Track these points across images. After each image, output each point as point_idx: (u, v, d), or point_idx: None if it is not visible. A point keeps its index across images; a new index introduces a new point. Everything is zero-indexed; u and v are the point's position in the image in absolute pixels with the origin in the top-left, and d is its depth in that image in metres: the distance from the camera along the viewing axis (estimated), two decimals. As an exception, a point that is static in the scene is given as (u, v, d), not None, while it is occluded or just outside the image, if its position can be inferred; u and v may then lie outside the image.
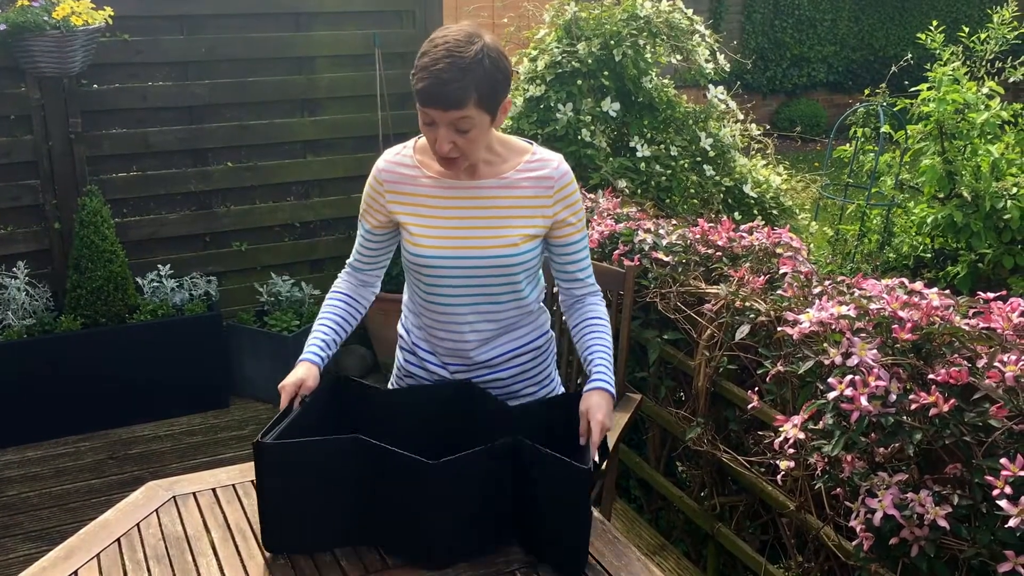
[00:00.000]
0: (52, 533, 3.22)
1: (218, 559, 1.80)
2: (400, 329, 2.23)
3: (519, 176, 1.99)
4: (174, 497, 2.00)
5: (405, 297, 2.17)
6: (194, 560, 1.80)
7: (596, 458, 1.83)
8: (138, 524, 1.91)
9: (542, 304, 2.18)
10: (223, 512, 1.96)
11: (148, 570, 1.77)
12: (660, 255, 2.87)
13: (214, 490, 2.04)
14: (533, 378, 2.16)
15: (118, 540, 1.85)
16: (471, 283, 2.00)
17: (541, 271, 2.13)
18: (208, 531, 1.90)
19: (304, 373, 1.96)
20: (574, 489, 1.73)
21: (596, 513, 1.95)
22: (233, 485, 2.06)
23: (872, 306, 2.04)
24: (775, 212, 4.20)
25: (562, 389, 2.28)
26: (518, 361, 2.12)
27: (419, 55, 1.86)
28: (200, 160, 4.25)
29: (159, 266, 4.13)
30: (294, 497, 1.79)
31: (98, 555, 1.81)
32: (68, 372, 3.81)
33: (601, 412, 1.87)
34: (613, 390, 1.94)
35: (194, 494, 2.02)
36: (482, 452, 1.73)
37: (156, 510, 1.96)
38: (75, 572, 1.76)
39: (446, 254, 1.98)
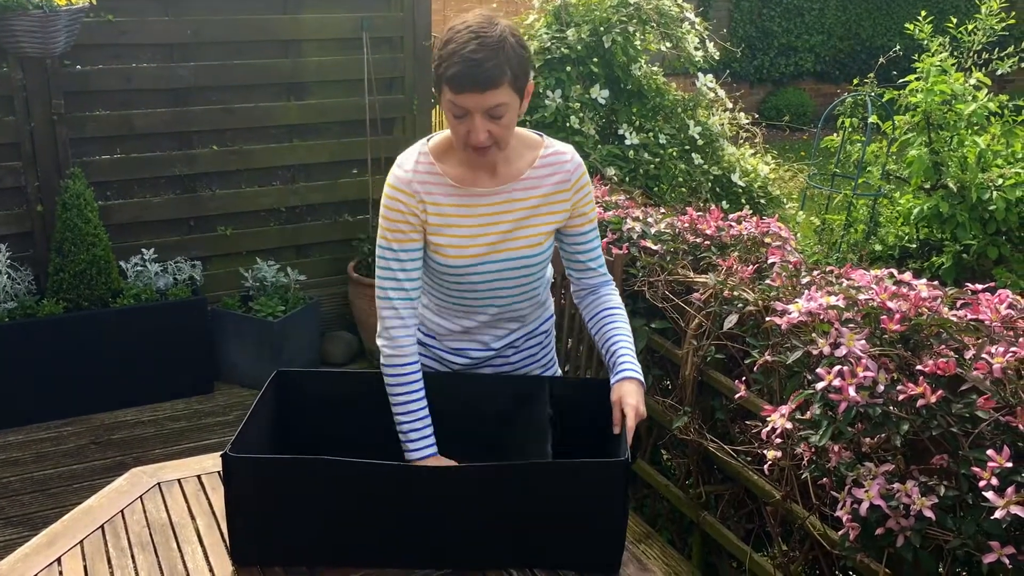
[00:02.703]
0: (34, 518, 3.20)
1: (203, 546, 1.79)
2: None
3: (537, 174, 1.97)
4: (158, 484, 1.99)
5: None
6: (179, 547, 1.79)
7: (630, 444, 1.80)
8: (122, 511, 1.89)
9: (548, 289, 2.20)
10: (208, 499, 1.95)
11: (132, 557, 1.75)
12: (648, 244, 2.86)
13: (199, 477, 2.03)
14: (539, 360, 2.19)
15: (102, 527, 1.84)
16: (496, 285, 1.99)
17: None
18: (193, 518, 1.89)
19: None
20: (610, 484, 1.69)
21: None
22: (218, 472, 2.04)
23: (861, 297, 2.04)
24: (763, 201, 4.20)
25: (559, 370, 2.29)
26: (527, 345, 2.15)
27: (441, 45, 1.80)
28: (185, 143, 4.21)
29: (143, 250, 4.09)
30: (263, 510, 1.74)
31: (81, 542, 1.79)
32: (50, 356, 3.78)
33: (634, 398, 1.86)
34: (642, 379, 1.93)
35: (179, 480, 2.01)
36: (474, 468, 1.69)
37: (140, 496, 1.94)
38: (58, 559, 1.74)
39: (474, 262, 1.95)
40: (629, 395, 1.86)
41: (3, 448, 3.66)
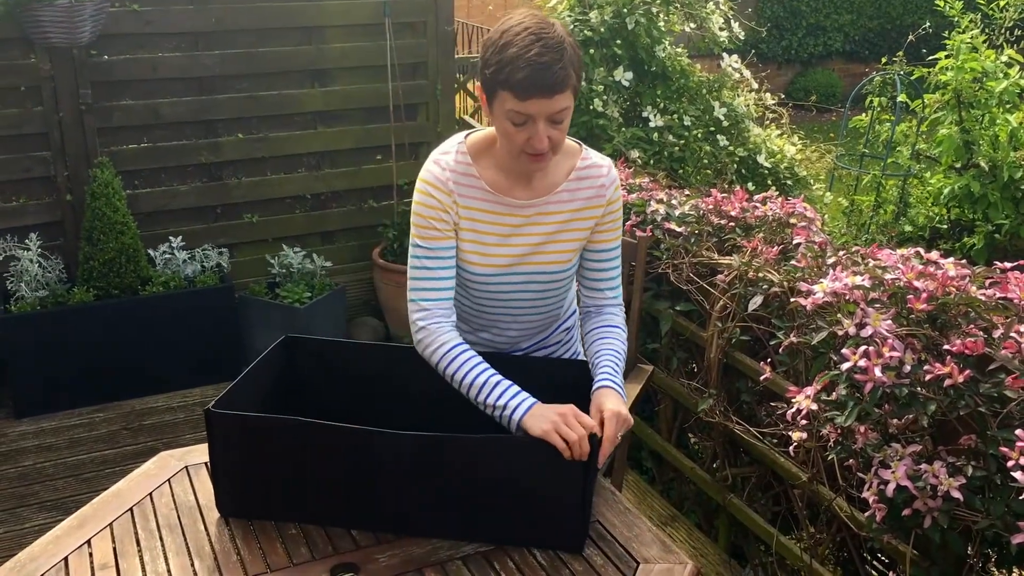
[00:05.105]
0: (67, 503, 3.25)
1: (230, 528, 1.81)
2: None
3: (571, 187, 1.91)
4: (186, 467, 2.01)
5: None
6: (206, 529, 1.80)
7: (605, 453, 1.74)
8: (151, 494, 1.91)
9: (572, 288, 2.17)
10: (235, 482, 1.96)
11: (160, 539, 1.77)
12: (673, 226, 2.85)
13: (226, 460, 2.05)
14: (562, 355, 2.17)
15: (131, 509, 1.86)
16: (519, 295, 1.97)
17: None
18: (220, 501, 1.90)
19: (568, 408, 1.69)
20: (568, 465, 1.66)
21: (607, 484, 1.95)
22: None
23: (887, 276, 2.02)
24: (789, 182, 4.17)
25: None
26: (551, 340, 2.13)
27: (497, 49, 1.70)
28: (210, 132, 4.24)
29: (171, 238, 4.13)
30: (244, 465, 1.79)
31: (111, 524, 1.81)
32: (81, 344, 3.83)
33: (613, 404, 1.73)
34: (620, 388, 1.80)
35: (206, 464, 2.02)
36: (444, 438, 1.67)
37: (168, 480, 1.96)
38: (88, 541, 1.77)
39: (498, 272, 1.92)
40: (607, 401, 1.73)
41: (37, 434, 3.72)
